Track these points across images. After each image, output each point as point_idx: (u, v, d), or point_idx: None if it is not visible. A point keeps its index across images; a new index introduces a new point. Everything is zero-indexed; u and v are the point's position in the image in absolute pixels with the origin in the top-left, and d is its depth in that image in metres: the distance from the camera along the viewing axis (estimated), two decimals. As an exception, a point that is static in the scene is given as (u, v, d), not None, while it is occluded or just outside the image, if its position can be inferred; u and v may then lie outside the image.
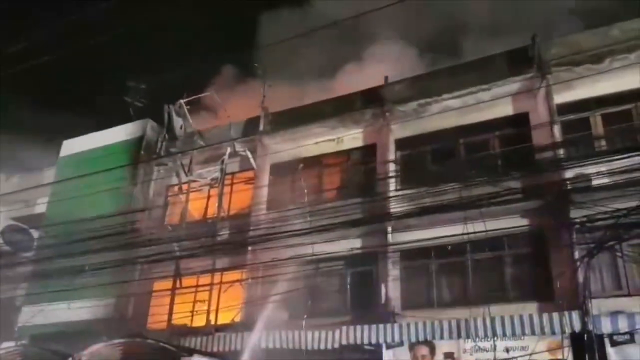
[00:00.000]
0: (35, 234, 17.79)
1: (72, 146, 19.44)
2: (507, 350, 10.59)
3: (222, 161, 15.84)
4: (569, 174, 11.29)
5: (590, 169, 10.92)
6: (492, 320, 10.70)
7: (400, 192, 13.18)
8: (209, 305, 14.45)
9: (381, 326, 11.58)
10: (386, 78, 15.16)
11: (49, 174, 19.35)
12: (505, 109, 13.44)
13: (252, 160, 15.98)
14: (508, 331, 10.51)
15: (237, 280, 14.25)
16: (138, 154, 17.56)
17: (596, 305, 10.17)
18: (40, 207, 18.84)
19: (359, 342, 11.61)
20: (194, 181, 16.25)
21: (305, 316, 12.85)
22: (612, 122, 12.31)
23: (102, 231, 13.68)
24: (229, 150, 15.89)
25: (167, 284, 14.68)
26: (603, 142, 12.23)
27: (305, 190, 14.71)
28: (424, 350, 11.23)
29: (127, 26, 10.36)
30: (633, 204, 9.53)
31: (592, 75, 11.91)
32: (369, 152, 15.03)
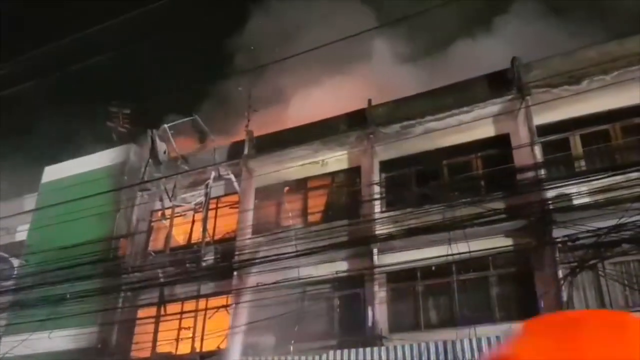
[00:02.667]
0: (15, 262, 17.51)
1: (54, 172, 19.27)
2: (494, 371, 10.56)
3: (207, 185, 15.81)
4: (550, 194, 11.44)
5: (571, 189, 11.09)
6: (479, 340, 10.68)
7: (385, 214, 13.24)
8: (194, 332, 14.28)
9: (368, 350, 11.49)
10: (369, 101, 15.31)
11: (30, 201, 19.12)
12: (487, 131, 13.64)
13: (235, 184, 15.96)
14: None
15: (223, 306, 14.12)
16: (121, 180, 17.45)
17: (581, 324, 10.22)
18: (21, 235, 18.56)
19: (346, 366, 11.52)
20: (178, 206, 16.18)
21: (292, 341, 12.76)
22: (591, 143, 12.54)
23: (85, 258, 13.53)
24: (213, 174, 15.87)
25: (151, 311, 14.51)
26: (583, 162, 12.44)
27: (290, 214, 14.71)
28: (411, 373, 11.17)
29: (110, 51, 10.39)
30: (613, 222, 9.68)
31: (570, 97, 12.17)
32: (353, 174, 15.10)
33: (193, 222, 16.42)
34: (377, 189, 13.99)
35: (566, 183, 11.18)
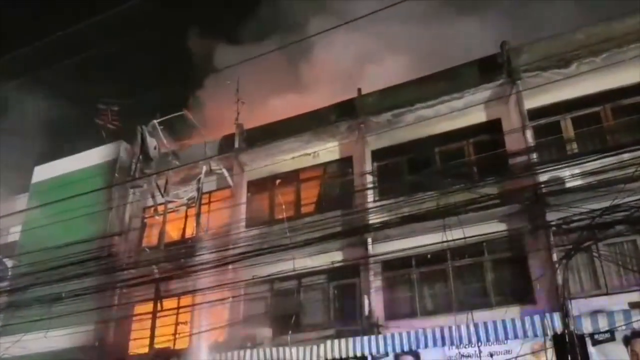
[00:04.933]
0: (9, 263, 17.39)
1: (45, 172, 19.14)
2: (492, 355, 10.61)
3: (199, 180, 15.73)
4: (543, 177, 11.45)
5: (563, 172, 11.10)
6: (476, 326, 10.74)
7: (378, 203, 13.22)
8: (191, 327, 14.25)
9: (365, 338, 11.54)
10: (359, 90, 15.24)
11: (22, 201, 18.98)
12: (479, 116, 13.63)
13: (228, 178, 15.89)
14: (491, 336, 10.55)
15: (219, 300, 14.08)
16: (112, 177, 17.34)
17: (576, 306, 10.28)
18: (14, 236, 18.44)
19: (344, 355, 11.53)
20: (171, 202, 16.08)
21: (290, 332, 12.77)
22: (582, 125, 12.55)
23: (79, 257, 13.45)
24: (204, 169, 15.78)
25: (148, 307, 14.44)
26: (574, 145, 12.45)
27: (283, 206, 14.68)
28: (409, 360, 11.21)
29: (99, 47, 10.30)
30: (606, 204, 9.69)
31: (560, 80, 12.17)
32: (345, 164, 15.07)
33: (186, 217, 16.35)
34: (369, 178, 13.96)
35: (559, 166, 11.18)
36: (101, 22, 8.96)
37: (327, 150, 15.20)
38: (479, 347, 10.65)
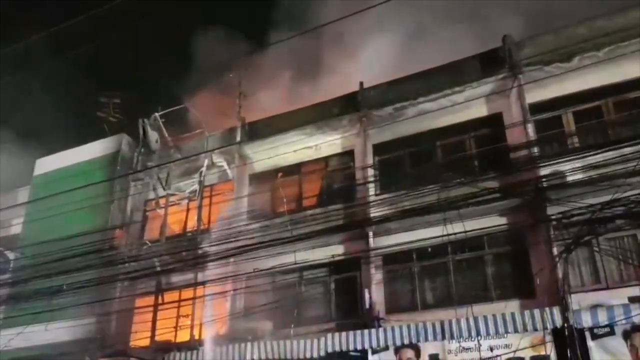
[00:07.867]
0: (10, 255, 17.44)
1: (46, 164, 19.14)
2: (491, 349, 10.64)
3: (200, 173, 15.75)
4: (544, 171, 11.44)
5: (564, 166, 11.10)
6: (476, 319, 10.75)
7: (379, 197, 13.22)
8: (192, 320, 14.29)
9: (366, 331, 11.57)
10: (361, 84, 15.24)
11: (23, 194, 19.00)
12: (480, 110, 13.62)
13: (228, 171, 15.90)
14: (491, 330, 10.57)
15: (220, 293, 14.12)
16: (114, 170, 17.34)
17: (576, 300, 10.29)
18: (15, 228, 18.48)
19: (344, 348, 11.56)
20: (172, 195, 16.11)
21: (291, 325, 12.81)
22: (584, 119, 12.54)
23: (80, 249, 13.48)
24: (206, 162, 15.79)
25: (149, 300, 14.50)
26: (576, 139, 12.44)
27: (285, 199, 14.70)
28: (409, 353, 11.23)
29: (100, 39, 10.28)
30: (607, 198, 9.69)
31: (562, 74, 12.15)
32: (347, 158, 15.09)
33: (188, 210, 16.36)
34: (371, 171, 13.97)
35: (559, 160, 11.17)
36: (103, 12, 8.94)
37: (329, 143, 15.21)
38: (478, 340, 10.68)
